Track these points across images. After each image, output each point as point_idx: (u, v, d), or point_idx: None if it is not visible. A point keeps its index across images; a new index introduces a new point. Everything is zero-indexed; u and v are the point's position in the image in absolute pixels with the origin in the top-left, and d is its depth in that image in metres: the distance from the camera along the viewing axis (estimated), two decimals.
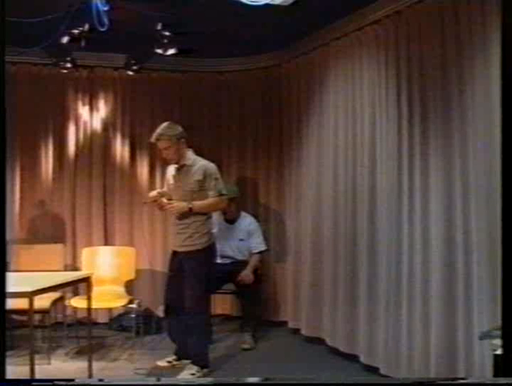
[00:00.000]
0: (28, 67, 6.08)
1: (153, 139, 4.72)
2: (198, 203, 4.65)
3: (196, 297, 4.65)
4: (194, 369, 4.64)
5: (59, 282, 4.42)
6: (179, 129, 4.73)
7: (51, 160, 6.26)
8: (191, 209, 4.64)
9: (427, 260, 4.14)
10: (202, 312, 4.71)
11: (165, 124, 4.73)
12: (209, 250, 4.78)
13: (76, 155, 6.32)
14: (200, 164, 4.73)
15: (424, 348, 4.12)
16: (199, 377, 4.56)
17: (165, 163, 5.18)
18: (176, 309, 4.76)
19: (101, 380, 2.56)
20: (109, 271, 5.81)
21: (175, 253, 4.82)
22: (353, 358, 4.89)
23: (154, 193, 4.88)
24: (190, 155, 4.77)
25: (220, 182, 4.75)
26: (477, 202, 3.73)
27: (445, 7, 4.01)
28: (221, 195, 4.75)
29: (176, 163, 4.77)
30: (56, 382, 2.28)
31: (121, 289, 5.67)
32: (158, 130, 4.69)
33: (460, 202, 3.89)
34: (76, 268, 6.02)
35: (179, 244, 4.74)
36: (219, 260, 5.75)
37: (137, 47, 5.62)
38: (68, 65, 5.68)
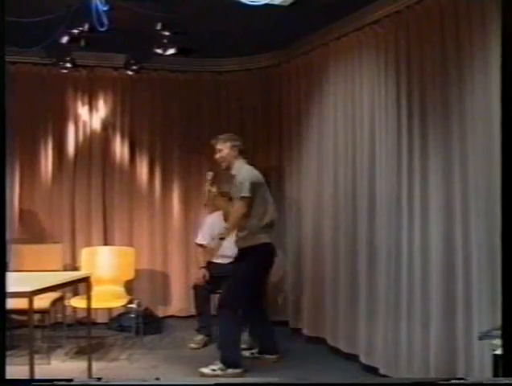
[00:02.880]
0: (28, 67, 6.08)
1: (213, 142, 5.01)
2: (229, 222, 4.84)
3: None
4: (217, 366, 4.67)
5: (58, 282, 4.42)
6: (237, 140, 4.99)
7: (50, 160, 6.27)
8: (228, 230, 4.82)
9: (427, 261, 4.14)
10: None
11: (227, 134, 5.06)
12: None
13: (76, 155, 6.33)
14: (240, 173, 4.86)
15: (424, 348, 4.12)
16: (217, 375, 4.59)
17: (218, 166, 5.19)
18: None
19: (99, 379, 2.55)
20: (109, 271, 5.81)
21: None
22: (353, 358, 4.89)
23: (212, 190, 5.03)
24: (239, 164, 4.91)
25: (243, 186, 4.76)
26: (477, 202, 3.74)
27: (445, 7, 4.01)
28: (242, 197, 4.77)
29: (226, 169, 4.96)
30: (56, 382, 2.27)
31: (121, 289, 5.67)
32: (220, 136, 5.01)
33: (460, 202, 3.89)
34: (75, 268, 6.02)
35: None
36: (219, 260, 5.75)
37: (136, 47, 5.62)
38: (68, 65, 5.68)
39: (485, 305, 3.61)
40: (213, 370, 4.64)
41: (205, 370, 4.65)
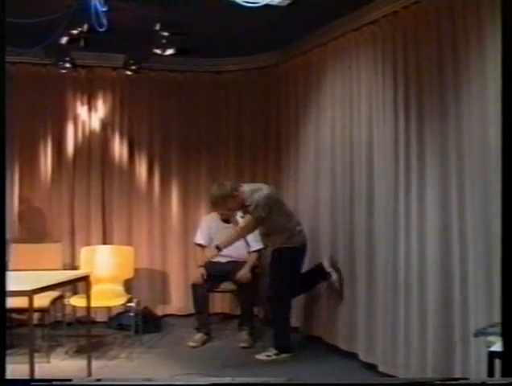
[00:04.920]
0: (27, 68, 6.09)
1: (211, 204, 5.26)
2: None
3: None
4: (272, 352, 5.01)
5: (58, 281, 4.44)
6: (228, 186, 5.07)
7: (50, 159, 6.28)
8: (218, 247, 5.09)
9: (424, 259, 4.17)
10: None
11: (215, 187, 5.15)
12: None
13: (75, 155, 6.34)
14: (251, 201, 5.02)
15: (421, 345, 4.15)
16: (273, 360, 4.94)
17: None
18: None
19: (98, 380, 2.57)
20: (108, 270, 5.83)
21: None
22: (351, 356, 4.91)
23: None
24: (247, 193, 5.03)
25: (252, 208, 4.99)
26: (473, 200, 3.76)
27: (441, 7, 4.04)
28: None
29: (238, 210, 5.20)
30: (54, 382, 2.28)
31: (120, 288, 5.69)
32: (213, 193, 5.11)
33: (456, 200, 3.92)
34: (75, 267, 6.04)
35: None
36: (217, 259, 5.77)
37: (135, 47, 5.64)
38: (67, 65, 5.70)
39: (482, 303, 3.63)
40: (268, 356, 4.99)
41: (261, 356, 5.00)
